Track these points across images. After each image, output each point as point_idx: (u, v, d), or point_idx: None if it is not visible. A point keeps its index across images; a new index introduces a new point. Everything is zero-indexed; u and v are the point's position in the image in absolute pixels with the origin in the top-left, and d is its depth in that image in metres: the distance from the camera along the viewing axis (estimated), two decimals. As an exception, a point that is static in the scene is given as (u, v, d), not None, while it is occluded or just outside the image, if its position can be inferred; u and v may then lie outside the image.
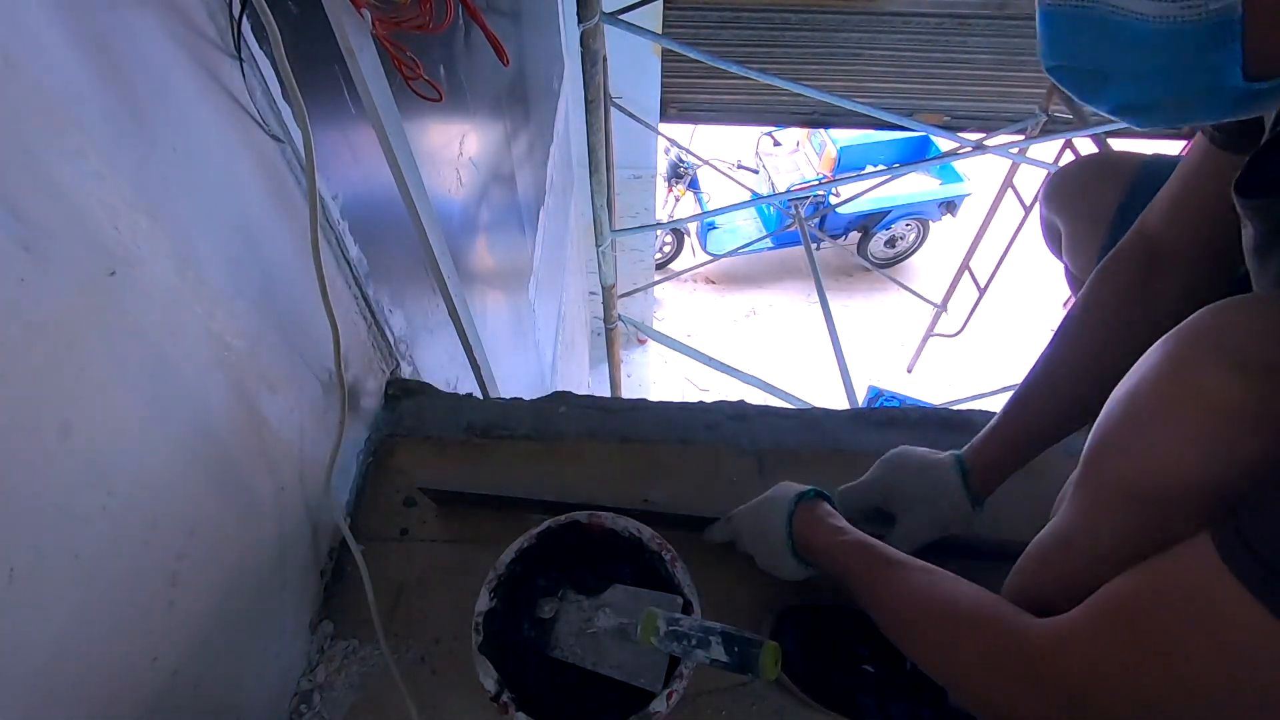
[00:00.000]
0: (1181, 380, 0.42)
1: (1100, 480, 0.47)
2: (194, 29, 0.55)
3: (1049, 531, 0.54)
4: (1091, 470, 0.48)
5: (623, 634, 0.59)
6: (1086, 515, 0.48)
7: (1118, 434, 0.45)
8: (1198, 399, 0.41)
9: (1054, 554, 0.52)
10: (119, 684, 0.49)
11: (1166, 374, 0.43)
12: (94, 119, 0.45)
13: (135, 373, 0.49)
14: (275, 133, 0.66)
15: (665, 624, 0.54)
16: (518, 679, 0.60)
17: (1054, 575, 0.52)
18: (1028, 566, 0.57)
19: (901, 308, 5.07)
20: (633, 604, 0.61)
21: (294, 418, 0.72)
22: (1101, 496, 0.46)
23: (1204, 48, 0.38)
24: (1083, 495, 0.49)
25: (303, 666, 0.76)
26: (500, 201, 1.63)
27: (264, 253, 0.66)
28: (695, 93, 3.27)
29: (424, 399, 1.00)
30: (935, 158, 4.39)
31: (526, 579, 0.66)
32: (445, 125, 1.15)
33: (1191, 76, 0.40)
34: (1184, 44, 0.38)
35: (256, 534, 0.66)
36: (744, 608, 0.79)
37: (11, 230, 0.39)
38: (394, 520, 0.88)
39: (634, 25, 2.23)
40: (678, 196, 5.08)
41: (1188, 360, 0.42)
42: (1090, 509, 0.48)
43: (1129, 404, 0.45)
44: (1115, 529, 0.46)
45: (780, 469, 0.93)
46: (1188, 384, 0.41)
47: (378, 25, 0.64)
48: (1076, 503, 0.50)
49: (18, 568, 0.40)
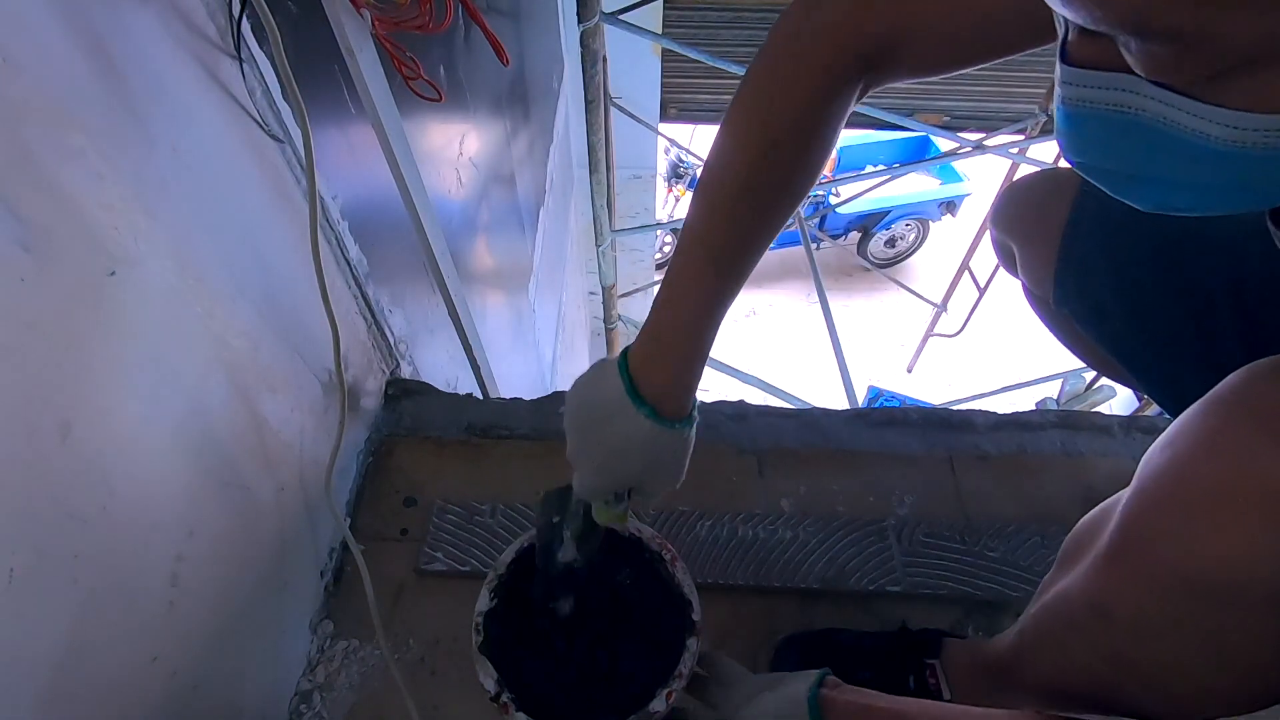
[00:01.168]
0: (1237, 465, 0.39)
1: (1150, 565, 0.43)
2: (194, 29, 0.55)
3: (1075, 597, 0.50)
4: (1135, 550, 0.44)
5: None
6: (1130, 592, 0.45)
7: (1168, 519, 0.42)
8: (1260, 489, 0.37)
9: (1090, 623, 0.48)
10: (119, 685, 0.49)
11: (1219, 456, 0.40)
12: (94, 119, 0.45)
13: (135, 373, 0.49)
14: (275, 133, 0.66)
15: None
16: (517, 679, 0.60)
17: (1088, 643, 0.49)
18: (1054, 628, 0.53)
19: (901, 308, 5.07)
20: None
21: (294, 418, 0.72)
22: (1154, 581, 0.43)
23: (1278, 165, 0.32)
24: (1123, 571, 0.45)
25: (303, 666, 0.76)
26: (500, 201, 1.63)
27: (264, 253, 0.66)
28: (695, 93, 3.27)
29: (424, 399, 1.00)
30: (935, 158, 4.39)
31: (527, 579, 0.66)
32: (445, 125, 1.15)
33: (1253, 192, 0.35)
34: (1254, 165, 0.32)
35: (256, 534, 0.66)
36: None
37: (11, 230, 0.39)
38: (394, 520, 0.88)
39: (634, 25, 2.23)
40: (678, 196, 5.08)
41: (1242, 441, 0.39)
42: (1135, 588, 0.45)
43: (1177, 485, 0.42)
44: (1172, 615, 0.43)
45: (780, 469, 0.93)
46: (1245, 470, 0.38)
47: (377, 25, 0.64)
48: (1112, 576, 0.46)
49: (18, 568, 0.40)
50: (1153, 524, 0.43)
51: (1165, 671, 0.44)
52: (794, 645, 0.74)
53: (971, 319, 4.02)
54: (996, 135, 3.10)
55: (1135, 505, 0.45)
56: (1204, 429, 0.41)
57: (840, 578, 0.81)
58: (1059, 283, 0.78)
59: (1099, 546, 0.47)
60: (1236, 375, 0.42)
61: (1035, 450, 0.97)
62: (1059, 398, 3.69)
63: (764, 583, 0.81)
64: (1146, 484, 0.44)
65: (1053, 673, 0.53)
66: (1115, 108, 0.35)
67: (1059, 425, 1.00)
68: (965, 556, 0.83)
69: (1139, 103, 0.34)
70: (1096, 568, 0.47)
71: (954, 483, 0.92)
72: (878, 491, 0.91)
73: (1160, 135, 0.34)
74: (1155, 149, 0.35)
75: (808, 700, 0.54)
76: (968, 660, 0.67)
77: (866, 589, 0.81)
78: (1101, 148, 0.38)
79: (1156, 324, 0.70)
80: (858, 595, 0.81)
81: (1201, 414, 0.42)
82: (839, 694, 0.55)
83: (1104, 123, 0.36)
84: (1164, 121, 0.33)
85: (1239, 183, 0.34)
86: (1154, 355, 0.72)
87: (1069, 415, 1.01)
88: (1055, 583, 0.53)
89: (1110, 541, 0.46)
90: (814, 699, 0.54)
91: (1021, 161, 3.09)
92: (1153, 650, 0.44)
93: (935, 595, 0.81)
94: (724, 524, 0.86)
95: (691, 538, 0.84)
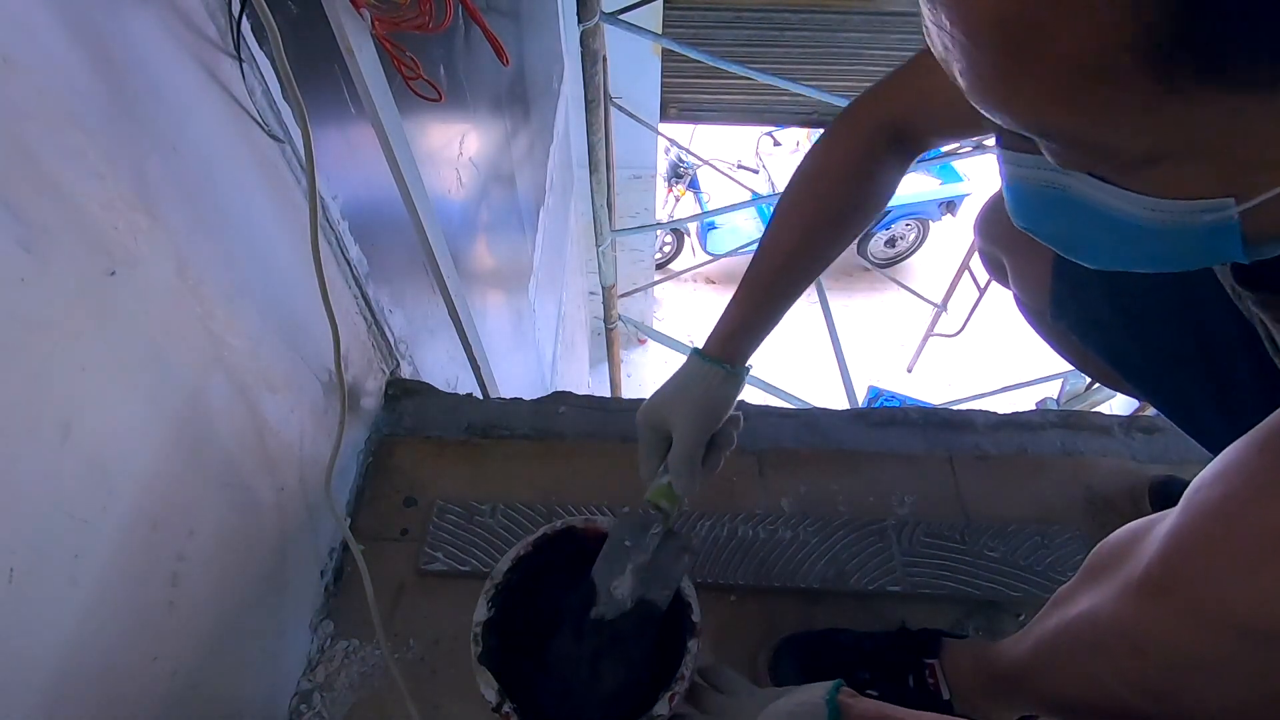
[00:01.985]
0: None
1: (1195, 603, 0.42)
2: (194, 29, 0.54)
3: (1105, 622, 0.49)
4: (1181, 586, 0.43)
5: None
6: (1171, 628, 0.44)
7: (1219, 559, 0.41)
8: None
9: (1121, 652, 0.47)
10: (119, 685, 0.49)
11: (1268, 500, 0.39)
12: (94, 119, 0.45)
13: (135, 373, 0.49)
14: (275, 132, 0.66)
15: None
16: (518, 688, 0.60)
17: (1116, 670, 0.48)
18: (1077, 650, 0.52)
19: (901, 308, 5.07)
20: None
21: (294, 418, 0.72)
22: (1199, 619, 0.42)
23: (1202, 239, 0.36)
24: (1164, 605, 0.44)
25: (303, 666, 0.76)
26: (500, 201, 1.63)
27: (264, 252, 0.66)
28: (695, 93, 3.27)
29: (424, 399, 1.00)
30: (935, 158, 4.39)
31: (524, 587, 0.65)
32: (445, 125, 1.15)
33: (1187, 259, 0.38)
34: (1179, 238, 0.36)
35: (256, 534, 0.66)
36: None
37: (11, 230, 0.39)
38: (394, 520, 0.88)
39: (634, 25, 2.23)
40: (678, 196, 5.08)
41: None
42: (1177, 625, 0.43)
43: (1230, 526, 0.41)
44: (1216, 654, 0.42)
45: (780, 469, 0.93)
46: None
47: (377, 25, 0.64)
48: (1152, 608, 0.45)
49: (18, 568, 0.40)
50: (1201, 562, 0.42)
51: (1204, 705, 0.43)
52: (794, 645, 0.74)
53: (971, 319, 4.02)
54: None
55: (1183, 539, 0.43)
56: (1260, 468, 0.40)
57: (840, 578, 0.81)
58: (1055, 298, 0.77)
59: (1134, 571, 0.45)
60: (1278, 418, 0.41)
61: (1035, 450, 0.97)
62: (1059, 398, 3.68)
63: (764, 583, 0.81)
64: (1196, 519, 0.42)
65: (1073, 692, 0.52)
66: (1048, 185, 0.39)
67: (1059, 425, 1.00)
68: (965, 556, 0.83)
69: (1066, 181, 0.38)
70: (1132, 595, 0.46)
71: (954, 483, 0.92)
72: (878, 491, 0.91)
73: (1091, 211, 0.37)
74: (1089, 222, 0.38)
75: (826, 702, 0.54)
76: (969, 661, 0.67)
77: (866, 589, 0.81)
78: (1043, 217, 0.42)
79: (1156, 336, 0.70)
80: (858, 595, 0.81)
81: (1258, 450, 0.41)
82: (856, 701, 0.56)
83: (1041, 196, 0.40)
84: (1090, 199, 0.37)
85: (1174, 251, 0.38)
86: (1156, 368, 0.72)
87: (1069, 415, 1.01)
88: (1077, 595, 0.52)
89: (1150, 571, 0.45)
90: (833, 703, 0.54)
91: (1021, 161, 3.08)
92: (1191, 685, 0.43)
93: (935, 595, 0.81)
94: (724, 524, 0.86)
95: (691, 538, 0.84)
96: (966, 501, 0.90)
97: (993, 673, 0.63)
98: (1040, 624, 0.57)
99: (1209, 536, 0.42)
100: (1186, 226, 0.35)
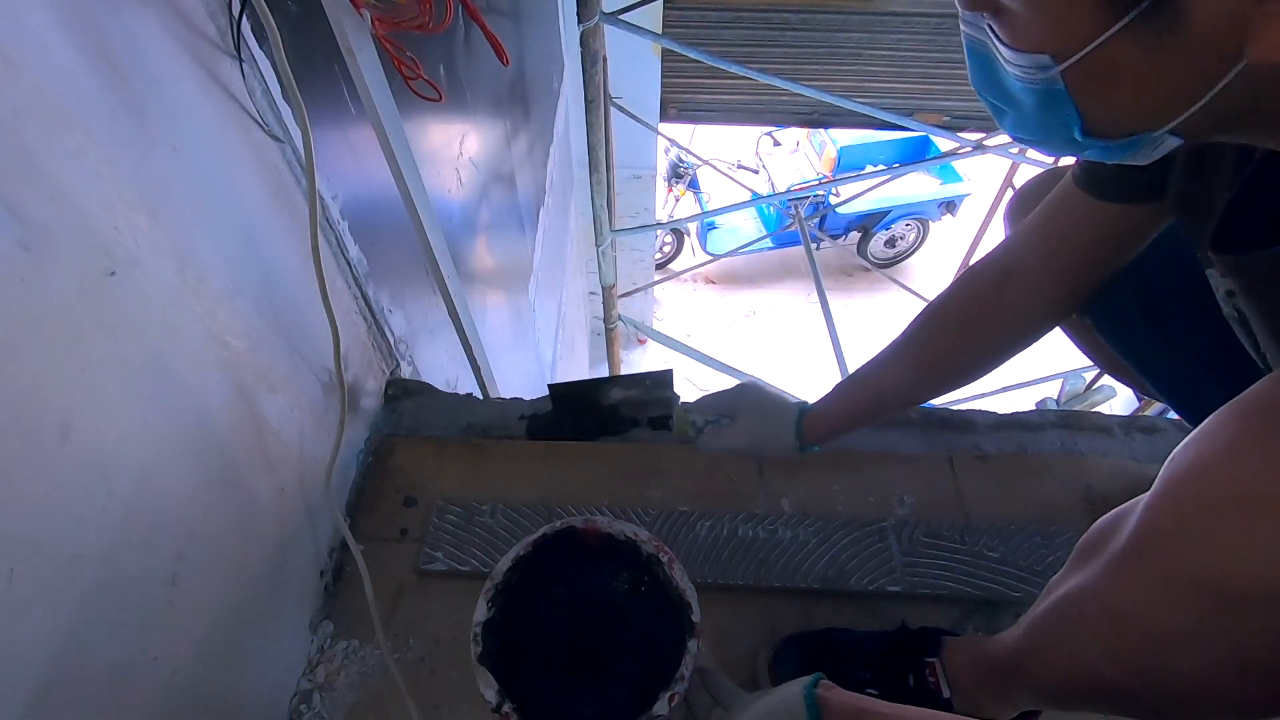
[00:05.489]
0: (1262, 470, 0.39)
1: (1169, 567, 0.43)
2: (194, 29, 0.55)
3: (1088, 597, 0.50)
4: (1155, 552, 0.44)
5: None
6: (1148, 594, 0.45)
7: (1190, 522, 0.42)
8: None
9: (1102, 624, 0.48)
10: (118, 685, 0.49)
11: (1244, 460, 0.40)
12: (94, 119, 0.45)
13: (135, 373, 0.49)
14: (275, 133, 0.66)
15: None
16: (518, 688, 0.60)
17: (1099, 644, 0.48)
18: (1064, 627, 0.53)
19: (901, 308, 5.07)
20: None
21: (294, 418, 0.72)
22: (1173, 583, 0.43)
23: (1049, 106, 0.42)
24: (1140, 573, 0.45)
25: (303, 666, 0.76)
26: (500, 201, 1.63)
27: (264, 252, 0.66)
28: (695, 93, 3.26)
29: (424, 399, 1.00)
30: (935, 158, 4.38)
31: (524, 587, 0.65)
32: (445, 125, 1.15)
33: (1049, 128, 0.44)
34: (1037, 100, 0.42)
35: (256, 534, 0.66)
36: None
37: (11, 230, 0.39)
38: (394, 520, 0.88)
39: (634, 25, 2.23)
40: (678, 196, 5.08)
41: (1267, 446, 0.39)
42: (1153, 590, 0.44)
43: (1200, 488, 0.41)
44: (1190, 618, 0.42)
45: (780, 469, 0.93)
46: (1269, 475, 0.38)
47: (377, 25, 0.64)
48: (1129, 577, 0.46)
49: (18, 568, 0.40)
50: (1174, 526, 0.43)
51: (1180, 675, 0.44)
52: (794, 645, 0.74)
53: (971, 319, 4.01)
54: (996, 135, 3.09)
55: (1156, 506, 0.44)
56: (1229, 434, 0.41)
57: (840, 578, 0.81)
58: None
59: (1115, 547, 0.47)
60: (1264, 381, 0.41)
61: (1035, 450, 0.97)
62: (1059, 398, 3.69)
63: (764, 583, 0.81)
64: (1169, 486, 0.44)
65: (1060, 673, 0.53)
66: (974, 40, 0.45)
67: (1059, 425, 1.00)
68: (965, 556, 0.83)
69: (981, 37, 0.44)
70: (1112, 568, 0.47)
71: (954, 483, 0.92)
72: (878, 491, 0.91)
73: (991, 66, 0.44)
74: (996, 80, 0.45)
75: (804, 697, 0.55)
76: (968, 658, 0.67)
77: (866, 589, 0.81)
78: (978, 77, 0.47)
79: (1181, 337, 0.70)
80: (858, 595, 0.81)
81: (1227, 419, 0.42)
82: (834, 695, 0.56)
83: (974, 55, 0.46)
84: (990, 52, 0.43)
85: (1032, 119, 0.44)
86: (1178, 369, 0.72)
87: (1069, 415, 1.01)
88: (1065, 582, 0.53)
89: (1128, 543, 0.46)
90: (810, 698, 0.55)
91: (1021, 161, 3.09)
92: (1168, 653, 0.43)
93: (935, 595, 0.81)
94: (724, 524, 0.86)
95: (691, 538, 0.84)
96: (966, 501, 0.90)
97: (990, 665, 0.63)
98: (1032, 611, 0.58)
99: (1179, 500, 0.43)
100: (1028, 87, 0.41)
